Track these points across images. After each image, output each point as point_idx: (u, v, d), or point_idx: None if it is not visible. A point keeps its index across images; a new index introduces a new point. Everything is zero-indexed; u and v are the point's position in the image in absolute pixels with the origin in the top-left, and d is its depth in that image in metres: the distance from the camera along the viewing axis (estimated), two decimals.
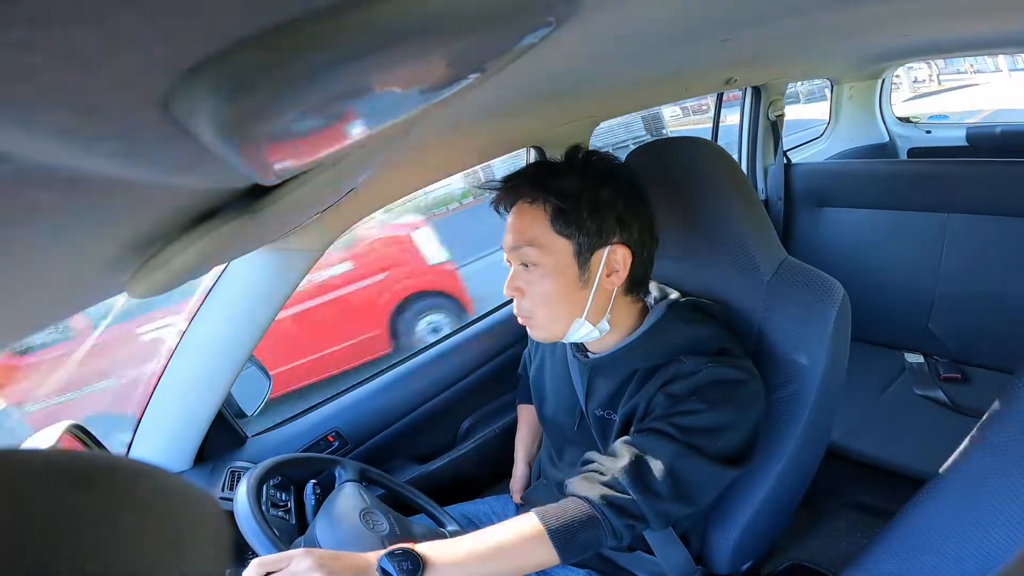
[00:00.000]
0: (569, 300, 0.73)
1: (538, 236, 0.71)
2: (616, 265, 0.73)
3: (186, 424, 0.96)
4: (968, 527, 0.61)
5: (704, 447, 0.69)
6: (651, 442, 0.69)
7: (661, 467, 0.68)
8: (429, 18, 0.17)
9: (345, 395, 1.21)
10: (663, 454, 0.68)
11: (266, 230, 0.42)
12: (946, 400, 1.50)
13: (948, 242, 1.61)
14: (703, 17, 0.63)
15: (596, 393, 0.81)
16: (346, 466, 0.89)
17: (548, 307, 0.73)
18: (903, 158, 2.45)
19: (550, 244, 0.71)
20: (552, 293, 0.72)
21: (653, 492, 0.68)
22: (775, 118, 1.91)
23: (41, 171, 0.17)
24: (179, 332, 0.94)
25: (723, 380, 0.71)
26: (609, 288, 0.74)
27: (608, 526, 0.68)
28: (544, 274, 0.72)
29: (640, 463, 0.68)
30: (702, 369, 0.71)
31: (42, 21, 0.11)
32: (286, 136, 0.20)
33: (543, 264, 0.71)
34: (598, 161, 0.74)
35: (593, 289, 0.73)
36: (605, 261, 0.72)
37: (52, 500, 0.12)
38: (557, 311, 0.74)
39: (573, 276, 0.72)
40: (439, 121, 0.70)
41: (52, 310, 0.37)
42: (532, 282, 0.73)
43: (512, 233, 0.73)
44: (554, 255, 0.71)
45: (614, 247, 0.72)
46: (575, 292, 0.73)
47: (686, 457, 0.68)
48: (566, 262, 0.71)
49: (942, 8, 0.93)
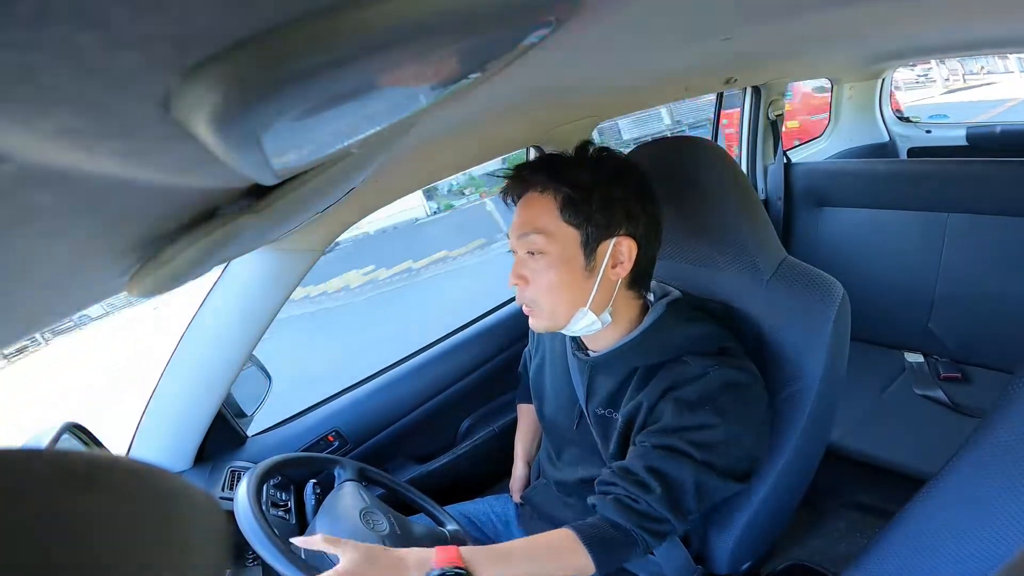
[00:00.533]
0: (573, 289, 0.73)
1: (546, 224, 0.71)
2: (621, 257, 0.73)
3: (186, 424, 0.96)
4: (968, 527, 0.61)
5: (720, 462, 0.72)
6: (675, 466, 0.71)
7: (688, 487, 0.71)
8: (429, 18, 0.17)
9: (345, 395, 1.21)
10: (687, 475, 0.71)
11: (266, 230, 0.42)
12: (946, 400, 1.50)
13: (948, 242, 1.61)
14: (703, 17, 0.63)
15: (597, 392, 0.81)
16: (345, 465, 0.89)
17: (552, 295, 0.73)
18: (903, 158, 2.45)
19: (557, 232, 0.71)
20: (557, 282, 0.72)
21: (687, 512, 0.72)
22: (775, 118, 1.91)
23: (41, 171, 0.17)
24: (179, 332, 0.94)
25: (731, 384, 0.72)
26: (613, 279, 0.74)
27: (644, 545, 0.73)
28: (550, 263, 0.72)
29: (671, 490, 0.71)
30: (708, 372, 0.72)
31: (42, 21, 0.11)
32: (286, 136, 0.20)
33: (549, 252, 0.71)
34: (609, 158, 0.74)
35: (598, 279, 0.73)
36: (611, 252, 0.72)
37: (51, 500, 0.12)
38: (561, 300, 0.74)
39: (579, 265, 0.72)
40: (440, 121, 0.70)
41: (52, 310, 0.37)
42: (537, 271, 0.73)
43: (520, 221, 0.73)
44: (561, 243, 0.71)
45: (620, 238, 0.72)
46: (580, 281, 0.73)
47: (707, 474, 0.71)
48: (572, 251, 0.71)
49: (942, 8, 0.93)
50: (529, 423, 1.10)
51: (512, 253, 0.76)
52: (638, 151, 0.92)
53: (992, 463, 0.61)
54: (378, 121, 0.25)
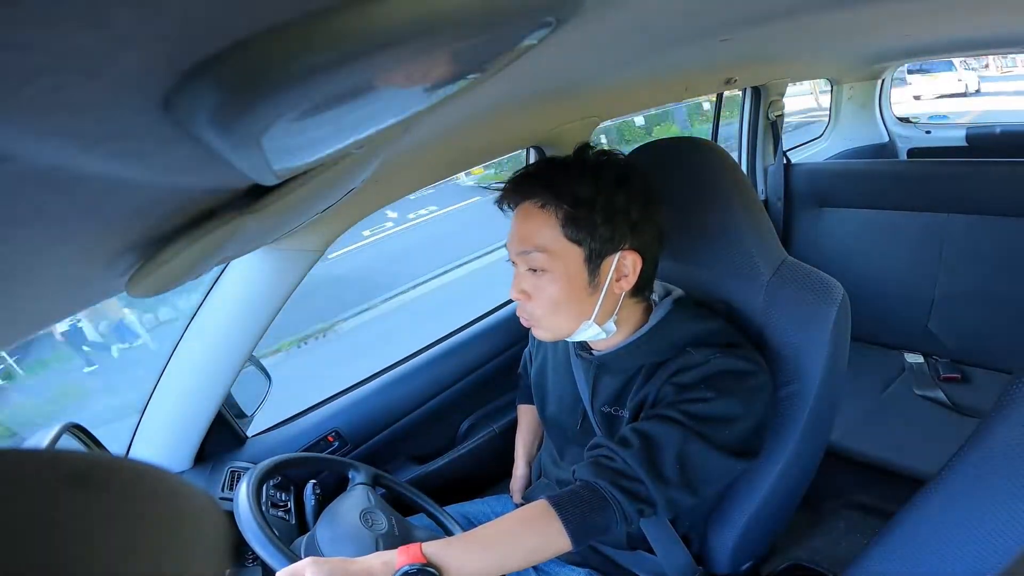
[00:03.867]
0: (577, 305, 0.72)
1: (548, 242, 0.69)
2: (626, 270, 0.72)
3: (186, 424, 0.95)
4: (968, 527, 0.61)
5: (712, 435, 0.68)
6: (660, 428, 0.69)
7: (671, 453, 0.68)
8: (429, 19, 0.17)
9: (345, 395, 1.21)
10: (672, 440, 0.68)
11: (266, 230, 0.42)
12: (946, 400, 1.50)
13: (948, 242, 1.61)
14: (703, 17, 0.63)
15: (602, 391, 0.81)
16: (359, 469, 0.89)
17: (555, 311, 0.72)
18: (903, 158, 2.45)
19: (560, 250, 0.69)
20: (560, 298, 0.71)
21: (663, 477, 0.68)
22: (775, 118, 1.91)
23: (42, 172, 0.17)
24: (178, 332, 0.94)
25: (732, 370, 0.71)
26: (618, 292, 0.73)
27: (619, 510, 0.68)
28: (552, 279, 0.71)
29: (650, 448, 0.68)
30: (711, 359, 0.71)
31: (42, 21, 0.11)
32: (286, 136, 0.20)
33: (552, 270, 0.70)
34: (609, 163, 0.72)
35: (602, 294, 0.72)
36: (615, 266, 0.71)
37: (51, 500, 0.12)
38: (564, 315, 0.73)
39: (582, 282, 0.71)
40: (439, 121, 0.70)
41: (52, 310, 0.37)
42: (540, 287, 0.72)
43: (520, 237, 0.72)
44: (563, 261, 0.70)
45: (625, 253, 0.71)
46: (584, 297, 0.72)
47: (694, 444, 0.68)
48: (576, 268, 0.70)
49: (942, 8, 0.93)
50: (529, 423, 1.09)
51: (511, 263, 0.75)
52: (639, 152, 0.92)
53: (992, 463, 0.61)
54: (377, 122, 0.25)
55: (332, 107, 0.19)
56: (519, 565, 0.67)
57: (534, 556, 0.67)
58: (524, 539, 0.67)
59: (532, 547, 0.67)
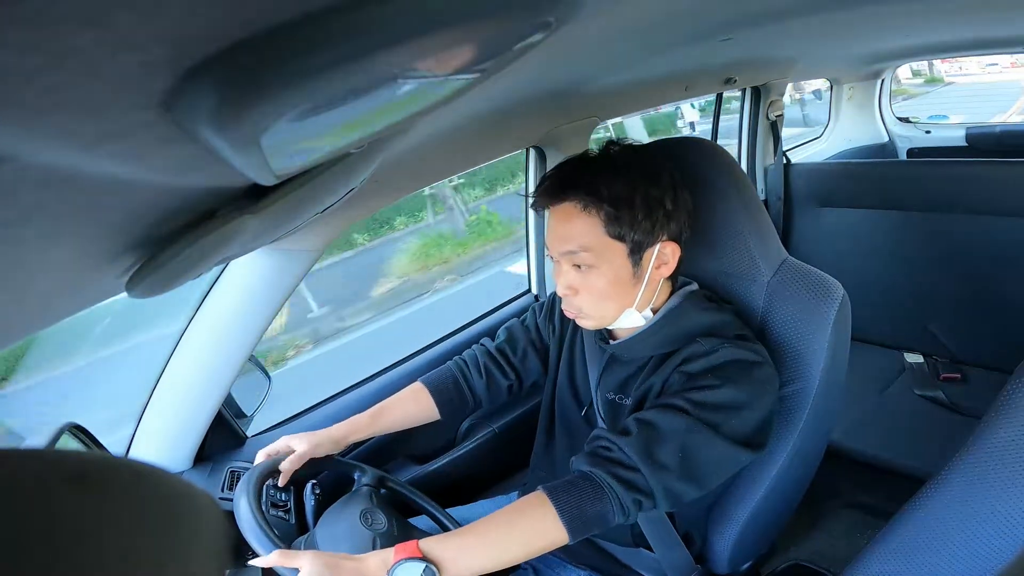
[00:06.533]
0: (622, 295, 0.75)
1: (592, 242, 0.72)
2: (666, 258, 0.75)
3: (186, 424, 0.95)
4: (968, 527, 0.61)
5: (717, 424, 0.68)
6: (664, 417, 0.69)
7: (671, 441, 0.67)
8: (428, 19, 0.17)
9: (345, 395, 1.21)
10: (675, 428, 0.68)
11: (266, 230, 0.42)
12: (946, 400, 1.50)
13: (948, 242, 1.61)
14: (703, 17, 0.63)
15: (610, 378, 0.82)
16: (365, 471, 0.89)
17: (602, 303, 0.75)
18: (903, 158, 2.45)
19: (605, 249, 0.72)
20: (608, 291, 0.74)
21: (661, 466, 0.67)
22: (775, 118, 1.91)
23: (42, 172, 0.17)
24: (179, 332, 0.94)
25: (740, 360, 0.72)
26: (657, 279, 0.76)
27: (616, 501, 0.67)
28: (600, 275, 0.73)
29: (650, 436, 0.68)
30: (719, 349, 0.72)
31: (42, 22, 0.11)
32: (286, 136, 0.20)
33: (598, 266, 0.73)
34: (636, 157, 0.75)
35: (644, 282, 0.75)
36: (656, 255, 0.74)
37: (51, 500, 0.12)
38: (610, 305, 0.76)
39: (627, 274, 0.74)
40: (439, 121, 0.70)
41: (52, 310, 0.37)
42: (587, 282, 0.75)
43: (563, 238, 0.74)
44: (608, 258, 0.73)
45: (664, 243, 0.74)
46: (628, 287, 0.75)
47: (698, 432, 0.67)
48: (620, 262, 0.73)
49: (942, 8, 0.93)
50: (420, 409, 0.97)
51: (552, 260, 0.77)
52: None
53: (992, 463, 0.61)
54: (377, 122, 0.25)
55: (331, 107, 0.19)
56: (517, 557, 0.67)
57: (531, 547, 0.67)
58: (520, 529, 0.67)
59: (528, 537, 0.67)
